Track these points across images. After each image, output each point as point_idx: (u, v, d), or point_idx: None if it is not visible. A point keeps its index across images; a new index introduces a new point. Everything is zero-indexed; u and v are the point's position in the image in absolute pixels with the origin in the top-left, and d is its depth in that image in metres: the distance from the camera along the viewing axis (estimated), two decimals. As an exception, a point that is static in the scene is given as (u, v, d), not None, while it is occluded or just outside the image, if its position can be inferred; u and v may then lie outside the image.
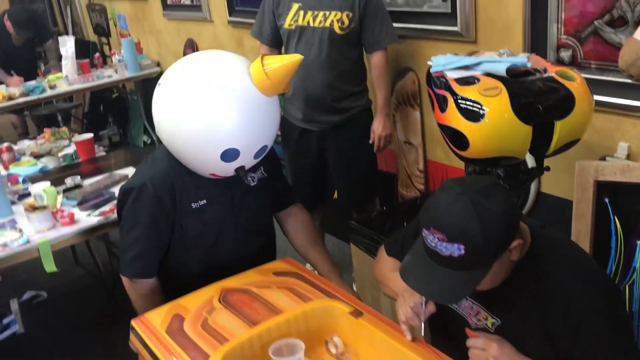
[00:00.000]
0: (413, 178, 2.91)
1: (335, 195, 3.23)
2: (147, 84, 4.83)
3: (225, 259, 1.75)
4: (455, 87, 1.64)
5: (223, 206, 1.71)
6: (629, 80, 1.91)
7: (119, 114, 5.50)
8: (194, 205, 1.67)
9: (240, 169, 1.60)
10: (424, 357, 1.25)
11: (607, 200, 1.59)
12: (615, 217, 1.59)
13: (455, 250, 1.16)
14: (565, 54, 2.05)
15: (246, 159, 1.59)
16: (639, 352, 1.24)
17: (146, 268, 1.70)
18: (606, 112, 1.99)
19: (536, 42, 2.10)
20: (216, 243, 1.73)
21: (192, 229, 1.68)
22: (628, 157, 1.99)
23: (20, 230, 2.09)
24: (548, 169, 1.74)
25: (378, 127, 2.51)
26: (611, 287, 1.29)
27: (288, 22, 2.45)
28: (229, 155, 1.54)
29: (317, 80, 2.45)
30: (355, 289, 2.84)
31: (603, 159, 2.00)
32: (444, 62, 1.73)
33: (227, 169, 1.59)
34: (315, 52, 2.41)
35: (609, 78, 1.94)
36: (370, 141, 2.55)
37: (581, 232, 1.59)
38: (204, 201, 1.67)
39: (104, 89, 4.98)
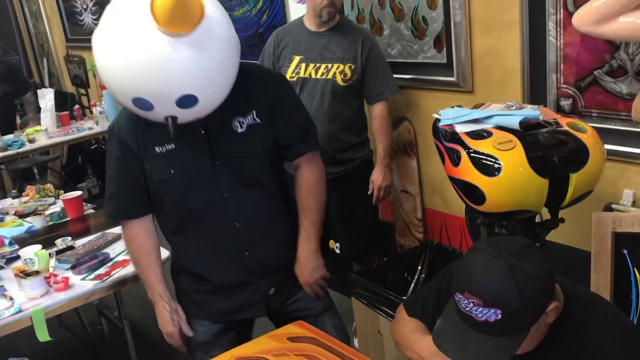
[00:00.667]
0: (411, 227, 2.87)
1: (335, 247, 3.19)
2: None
3: (205, 211, 1.66)
4: (468, 140, 1.62)
5: (198, 154, 1.61)
6: (631, 128, 1.94)
7: (98, 166, 5.40)
8: (157, 150, 1.60)
9: (170, 118, 1.45)
10: None
11: (625, 251, 1.58)
12: (635, 269, 1.57)
13: (491, 315, 1.12)
14: (566, 103, 2.07)
15: (164, 109, 1.43)
16: None
17: (120, 209, 1.70)
18: (610, 160, 1.99)
19: (535, 91, 2.12)
20: (189, 190, 1.63)
21: (156, 173, 1.62)
22: (633, 204, 1.99)
23: (11, 298, 1.98)
24: (563, 220, 1.72)
25: (378, 178, 2.49)
26: None
27: (289, 74, 2.44)
28: (141, 104, 1.43)
29: (320, 132, 2.41)
30: (357, 344, 2.76)
31: (608, 206, 1.99)
32: (453, 115, 1.72)
33: (154, 116, 1.48)
34: (317, 104, 2.39)
35: (611, 126, 1.96)
36: (370, 192, 2.52)
37: (601, 284, 1.56)
38: (172, 146, 1.60)
39: (83, 140, 4.89)
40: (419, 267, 2.77)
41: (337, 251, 3.31)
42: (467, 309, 1.14)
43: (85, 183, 5.29)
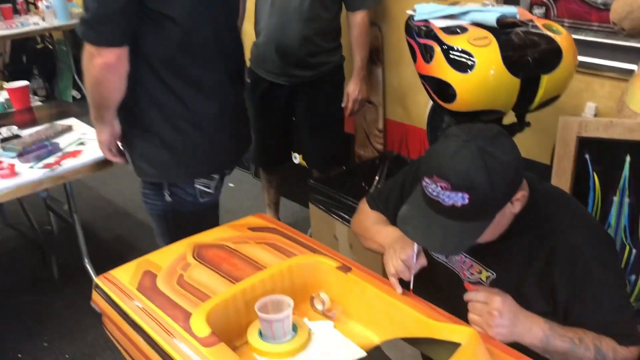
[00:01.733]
0: (372, 138, 2.85)
1: (299, 159, 3.15)
2: (77, 35, 4.49)
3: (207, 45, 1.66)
4: (443, 36, 1.57)
5: None
6: (601, 40, 1.92)
7: (44, 66, 5.11)
8: None
9: None
10: (417, 310, 1.20)
11: (587, 156, 1.59)
12: (595, 174, 1.59)
13: (458, 199, 1.11)
14: (539, 11, 2.03)
15: None
16: (631, 306, 1.25)
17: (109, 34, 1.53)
18: (576, 72, 2.00)
19: (509, -2, 2.07)
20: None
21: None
22: (595, 117, 2.01)
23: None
24: (529, 124, 1.72)
25: (354, 90, 2.42)
26: (611, 240, 1.29)
27: None
28: None
29: (294, 31, 2.31)
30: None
31: (570, 119, 2.01)
32: (429, 10, 1.66)
33: None
34: (297, 2, 2.27)
35: (581, 37, 1.94)
36: (343, 104, 2.45)
37: (561, 188, 1.57)
38: None
39: (27, 38, 4.59)
40: (377, 178, 2.78)
41: (296, 161, 3.28)
42: (434, 194, 1.13)
43: (31, 84, 5.00)
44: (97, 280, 1.37)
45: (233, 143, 1.87)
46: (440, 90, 1.59)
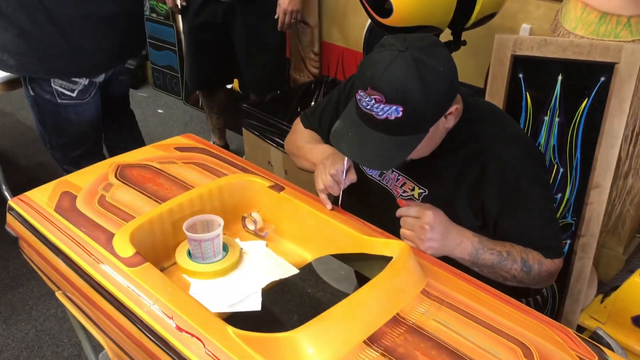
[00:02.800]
0: (307, 61, 2.77)
1: (235, 85, 3.03)
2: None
3: None
4: (380, -54, 1.49)
5: None
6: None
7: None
8: None
9: None
10: (349, 226, 1.18)
11: (521, 75, 1.58)
12: (527, 93, 1.59)
13: (392, 112, 1.07)
14: None
15: None
16: (557, 220, 1.28)
17: None
18: (512, -7, 1.97)
19: None
20: None
21: None
22: (529, 39, 2.00)
23: None
24: (465, 43, 1.69)
25: (284, 1, 2.31)
26: (541, 155, 1.30)
27: None
28: None
29: None
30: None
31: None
32: None
33: None
34: None
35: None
36: (275, 16, 2.34)
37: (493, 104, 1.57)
38: None
39: None
40: (312, 103, 2.72)
41: (229, 86, 3.17)
42: (368, 107, 1.09)
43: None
44: (11, 202, 1.28)
45: (105, 51, 1.88)
46: (377, 4, 1.52)
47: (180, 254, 1.20)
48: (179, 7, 2.45)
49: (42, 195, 1.28)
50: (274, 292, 2.12)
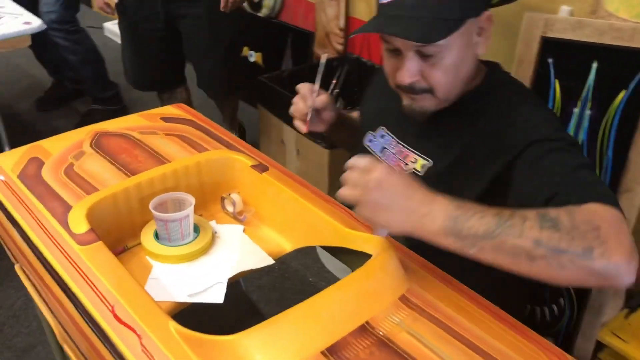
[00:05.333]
0: (331, 37, 2.62)
1: (258, 58, 2.91)
2: None
3: None
4: None
5: None
6: None
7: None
8: None
9: None
10: (333, 216, 1.05)
11: (551, 60, 1.41)
12: (556, 81, 1.42)
13: None
14: None
15: None
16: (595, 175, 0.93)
17: None
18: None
19: None
20: None
21: None
22: (568, 22, 1.81)
23: None
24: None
25: None
26: (575, 141, 1.03)
27: None
28: None
29: None
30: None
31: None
32: None
33: None
34: None
35: None
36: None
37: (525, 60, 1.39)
38: None
39: None
40: (334, 81, 2.57)
41: (251, 59, 3.05)
42: None
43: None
44: (-24, 165, 1.19)
45: None
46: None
47: (146, 234, 1.09)
48: (111, 5, 2.22)
49: (11, 160, 1.19)
50: (273, 279, 2.02)
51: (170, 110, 1.41)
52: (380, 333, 0.84)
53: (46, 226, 1.01)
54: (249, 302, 1.48)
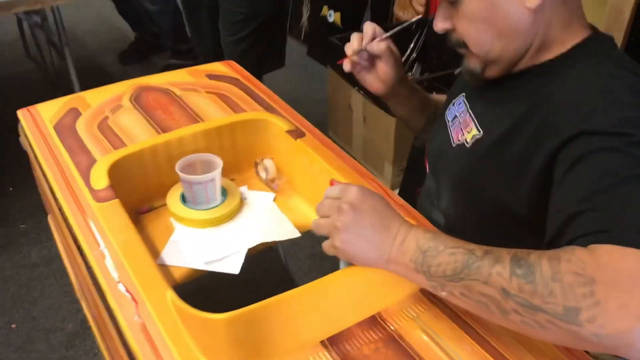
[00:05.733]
0: (412, -2, 2.47)
1: (334, 17, 2.80)
2: None
3: None
4: None
5: None
6: None
7: None
8: None
9: None
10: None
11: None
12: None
13: None
14: None
15: None
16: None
17: None
18: None
19: None
20: None
21: None
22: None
23: None
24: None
25: None
26: None
27: None
28: None
29: None
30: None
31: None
32: None
33: None
34: None
35: None
36: None
37: (614, 28, 1.19)
38: None
39: None
40: (411, 45, 2.43)
41: (330, 19, 2.95)
42: None
43: None
44: (19, 112, 1.19)
45: None
46: None
47: (172, 195, 1.05)
48: None
49: (51, 109, 1.19)
50: (293, 249, 1.95)
51: (217, 67, 1.35)
52: (392, 328, 0.75)
53: (69, 180, 0.99)
54: (286, 272, 1.43)
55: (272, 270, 1.12)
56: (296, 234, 1.02)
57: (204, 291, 1.04)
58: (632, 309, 0.54)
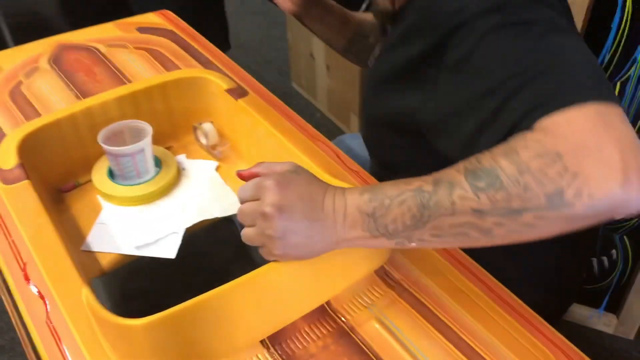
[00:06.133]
0: None
1: None
2: None
3: None
4: None
5: None
6: None
7: None
8: None
9: None
10: (314, 158, 0.85)
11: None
12: (629, -13, 1.11)
13: None
14: None
15: None
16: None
17: None
18: None
19: None
20: None
21: None
22: None
23: None
24: None
25: None
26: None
27: None
28: None
29: None
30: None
31: None
32: None
33: None
34: None
35: None
36: None
37: (576, 2, 1.11)
38: None
39: None
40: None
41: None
42: None
43: None
44: None
45: None
46: None
47: (98, 170, 0.93)
48: None
49: (-43, 76, 1.04)
50: None
51: (150, 18, 1.20)
52: (343, 319, 0.65)
53: (-26, 158, 0.86)
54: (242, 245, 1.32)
55: (227, 241, 1.02)
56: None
57: (144, 273, 0.94)
58: (611, 164, 0.48)
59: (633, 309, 1.43)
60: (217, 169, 0.97)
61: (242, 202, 0.63)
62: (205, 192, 0.93)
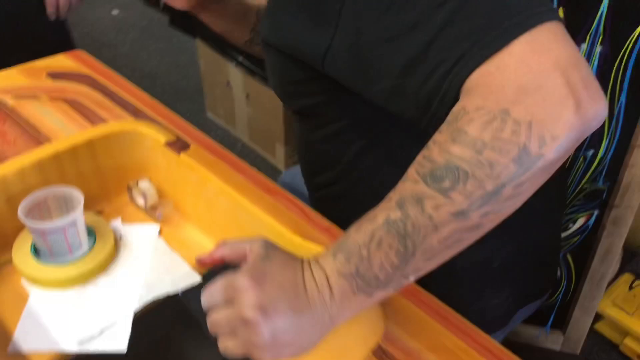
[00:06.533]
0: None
1: None
2: None
3: None
4: None
5: None
6: None
7: None
8: None
9: None
10: (277, 215, 0.76)
11: (556, -17, 1.10)
12: (561, 9, 1.13)
13: None
14: None
15: None
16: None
17: None
18: None
19: None
20: None
21: None
22: None
23: None
24: None
25: None
26: None
27: None
28: None
29: None
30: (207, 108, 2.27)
31: None
32: None
33: None
34: None
35: None
36: None
37: None
38: None
39: None
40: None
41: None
42: None
43: None
44: None
45: None
46: None
47: (19, 248, 0.79)
48: None
49: None
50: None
51: (61, 62, 1.06)
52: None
53: None
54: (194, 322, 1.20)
55: (187, 322, 0.89)
56: (195, 277, 0.80)
57: None
58: (556, 95, 0.45)
59: (579, 324, 1.45)
60: (160, 233, 0.86)
61: (211, 308, 0.53)
62: (149, 264, 0.81)
